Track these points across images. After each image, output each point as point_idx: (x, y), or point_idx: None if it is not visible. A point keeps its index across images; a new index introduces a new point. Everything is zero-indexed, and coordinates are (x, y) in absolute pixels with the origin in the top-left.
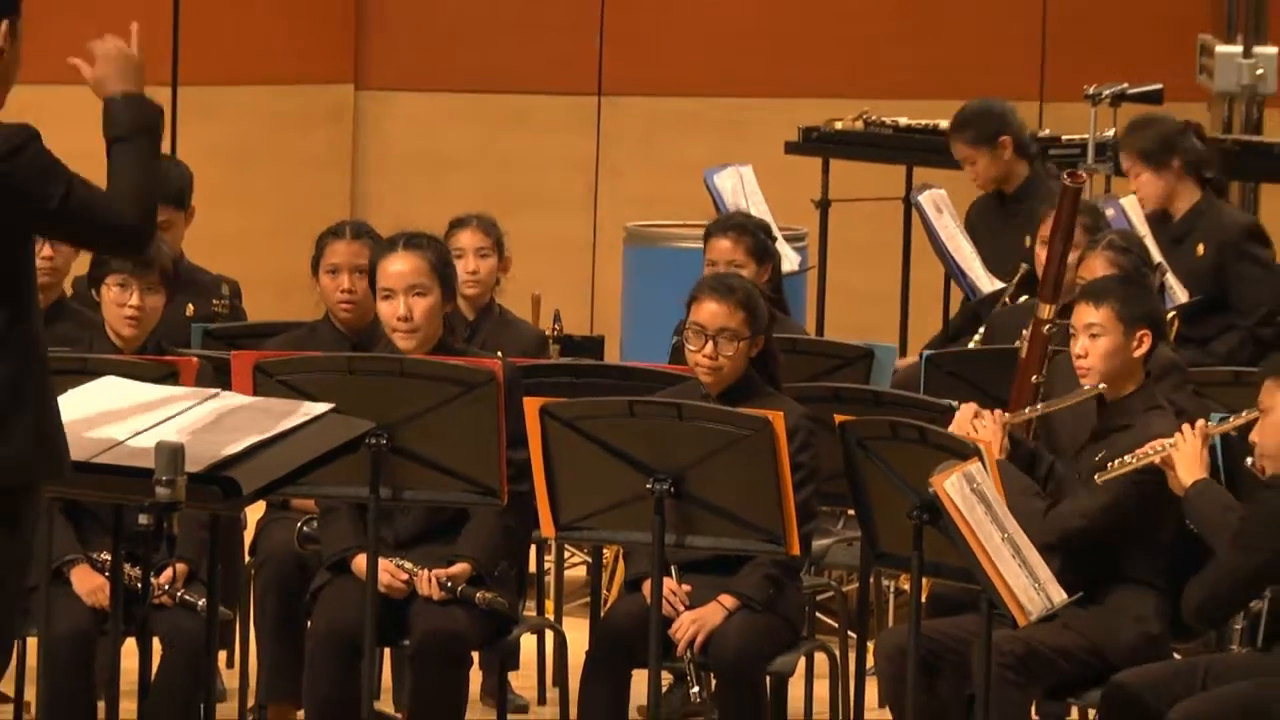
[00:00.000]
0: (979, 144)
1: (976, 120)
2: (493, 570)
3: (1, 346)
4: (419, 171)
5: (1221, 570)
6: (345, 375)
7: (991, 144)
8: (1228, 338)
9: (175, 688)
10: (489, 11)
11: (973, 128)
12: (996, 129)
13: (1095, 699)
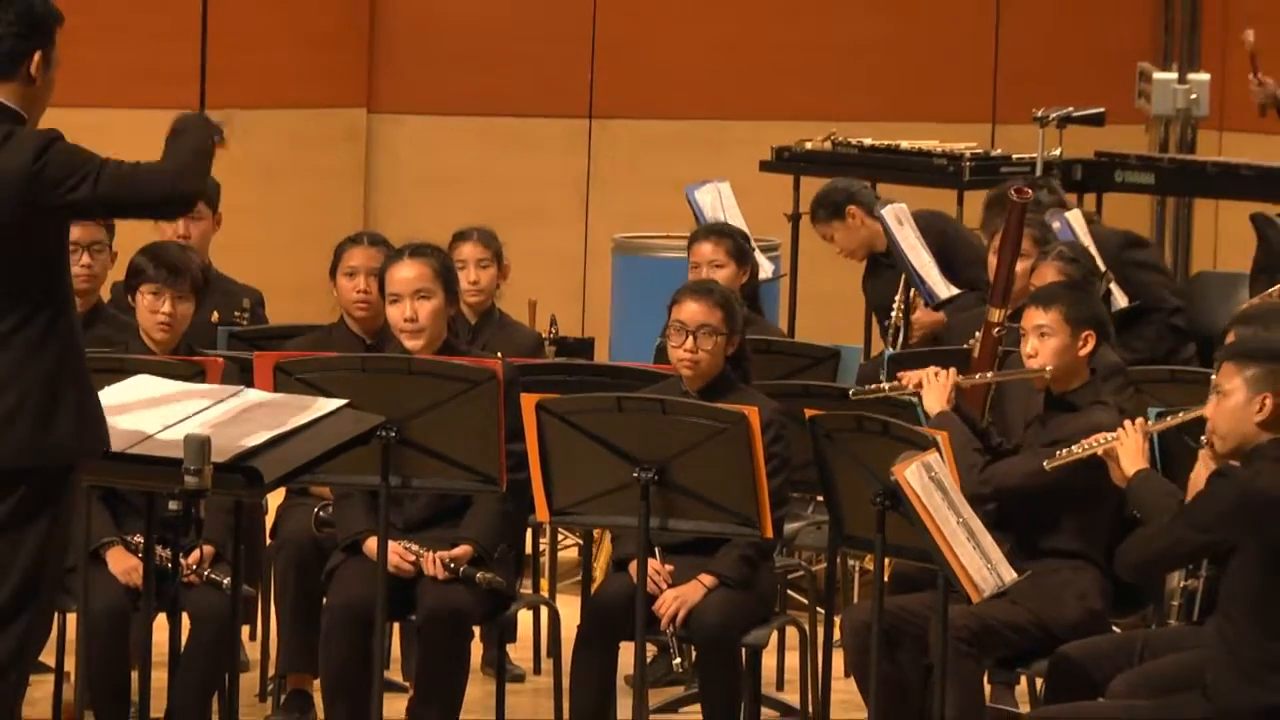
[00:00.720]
0: (830, 220)
1: (821, 201)
2: (493, 552)
3: (46, 341)
4: (425, 188)
5: (1165, 540)
6: (358, 374)
7: (841, 216)
8: (1145, 331)
9: (203, 659)
10: (489, 42)
11: (821, 207)
12: (842, 201)
13: (1042, 669)
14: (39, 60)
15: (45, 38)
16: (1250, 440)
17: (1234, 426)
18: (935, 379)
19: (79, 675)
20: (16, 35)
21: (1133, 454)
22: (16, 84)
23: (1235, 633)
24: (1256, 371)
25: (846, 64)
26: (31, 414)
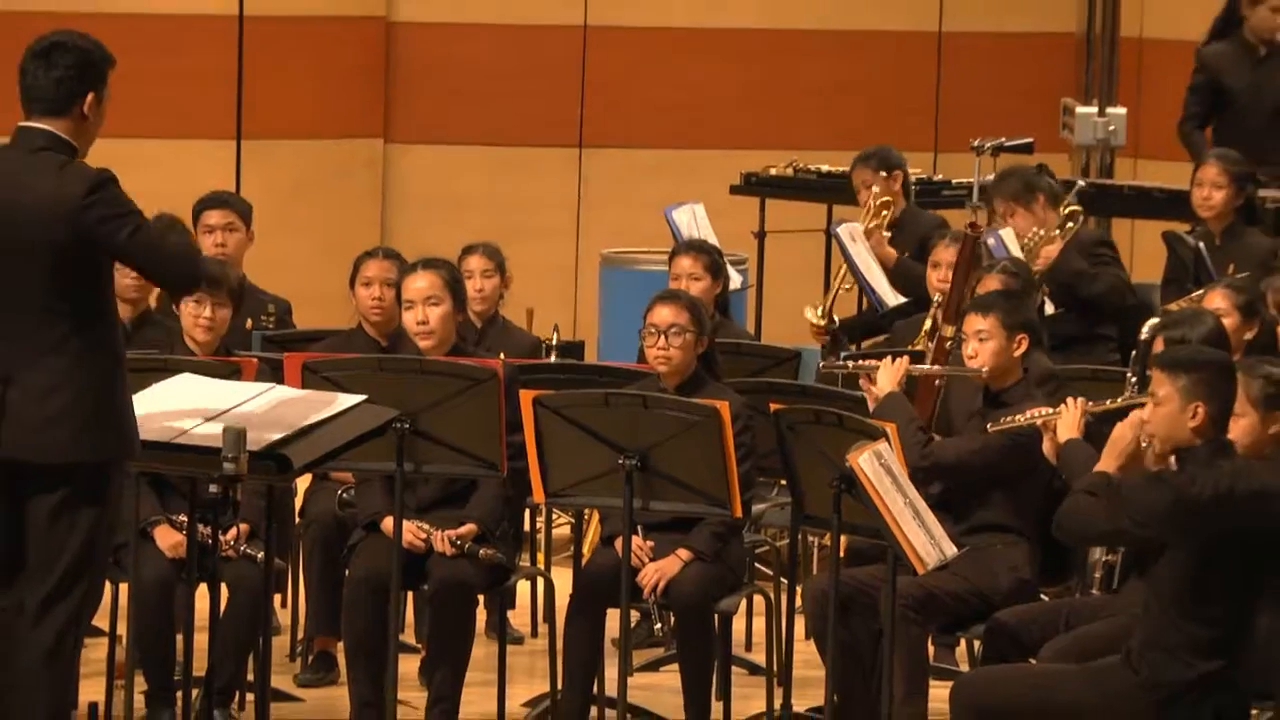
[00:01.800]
0: (879, 170)
1: (880, 152)
2: (495, 530)
3: (98, 349)
4: (435, 208)
5: (1107, 526)
6: (376, 372)
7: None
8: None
9: (239, 624)
10: (491, 81)
11: (876, 158)
12: (896, 163)
13: (979, 633)
14: (92, 100)
15: (99, 81)
16: (1185, 443)
17: (1170, 432)
18: (890, 362)
19: (129, 638)
20: (73, 78)
21: (1070, 426)
22: (71, 120)
23: (1163, 615)
24: (1187, 381)
25: (806, 101)
26: (80, 415)
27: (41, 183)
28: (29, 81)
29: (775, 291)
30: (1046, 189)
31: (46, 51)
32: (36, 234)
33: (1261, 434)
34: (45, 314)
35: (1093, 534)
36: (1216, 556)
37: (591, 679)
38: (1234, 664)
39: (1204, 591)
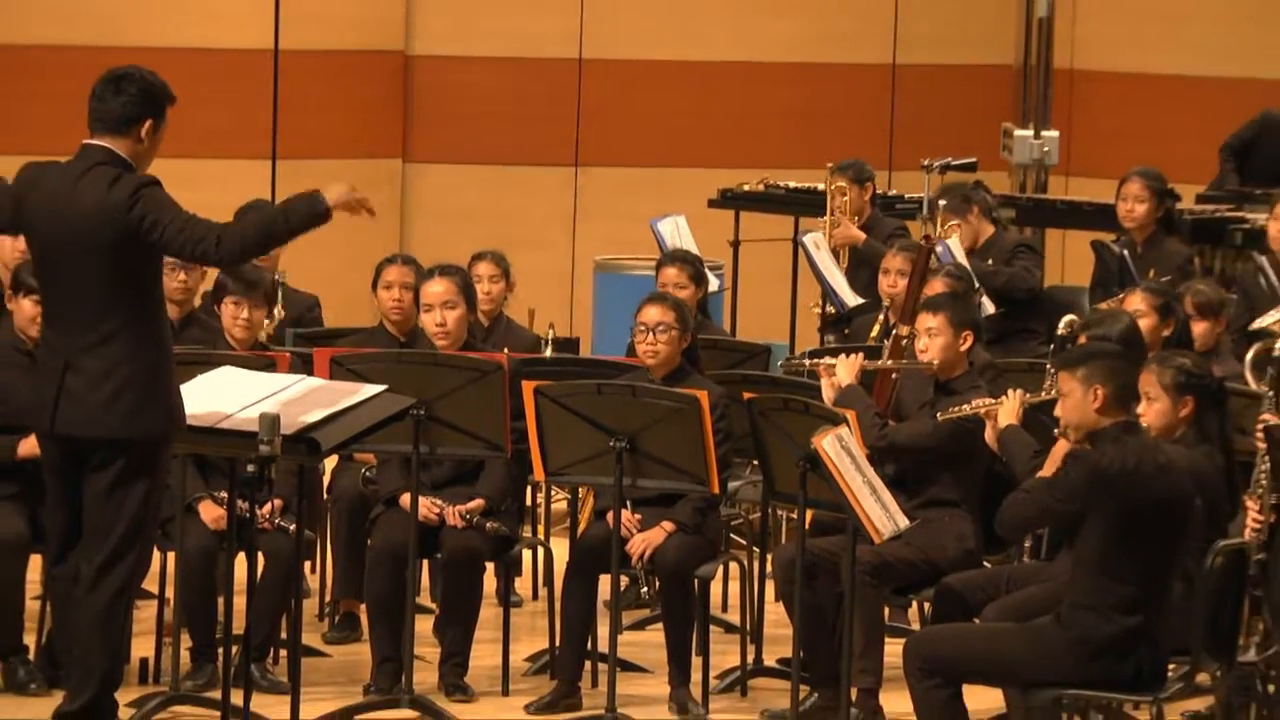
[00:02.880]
0: (854, 180)
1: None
2: (500, 505)
3: (148, 340)
4: (448, 221)
5: (1034, 509)
6: (395, 365)
7: (863, 184)
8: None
9: (274, 589)
10: (498, 107)
11: (852, 170)
12: (868, 176)
13: (929, 595)
14: (149, 126)
15: (158, 111)
16: (1094, 425)
17: (1079, 418)
18: (848, 358)
19: (176, 601)
20: (136, 105)
21: (1009, 414)
22: (129, 141)
23: (1087, 578)
24: (1085, 370)
25: (775, 124)
26: (132, 398)
27: (95, 192)
28: (97, 104)
29: (748, 293)
30: (981, 202)
31: (117, 80)
32: (90, 237)
33: (1173, 417)
34: (100, 308)
35: (1025, 522)
36: (1130, 523)
37: (586, 637)
38: (1152, 621)
39: (1121, 554)
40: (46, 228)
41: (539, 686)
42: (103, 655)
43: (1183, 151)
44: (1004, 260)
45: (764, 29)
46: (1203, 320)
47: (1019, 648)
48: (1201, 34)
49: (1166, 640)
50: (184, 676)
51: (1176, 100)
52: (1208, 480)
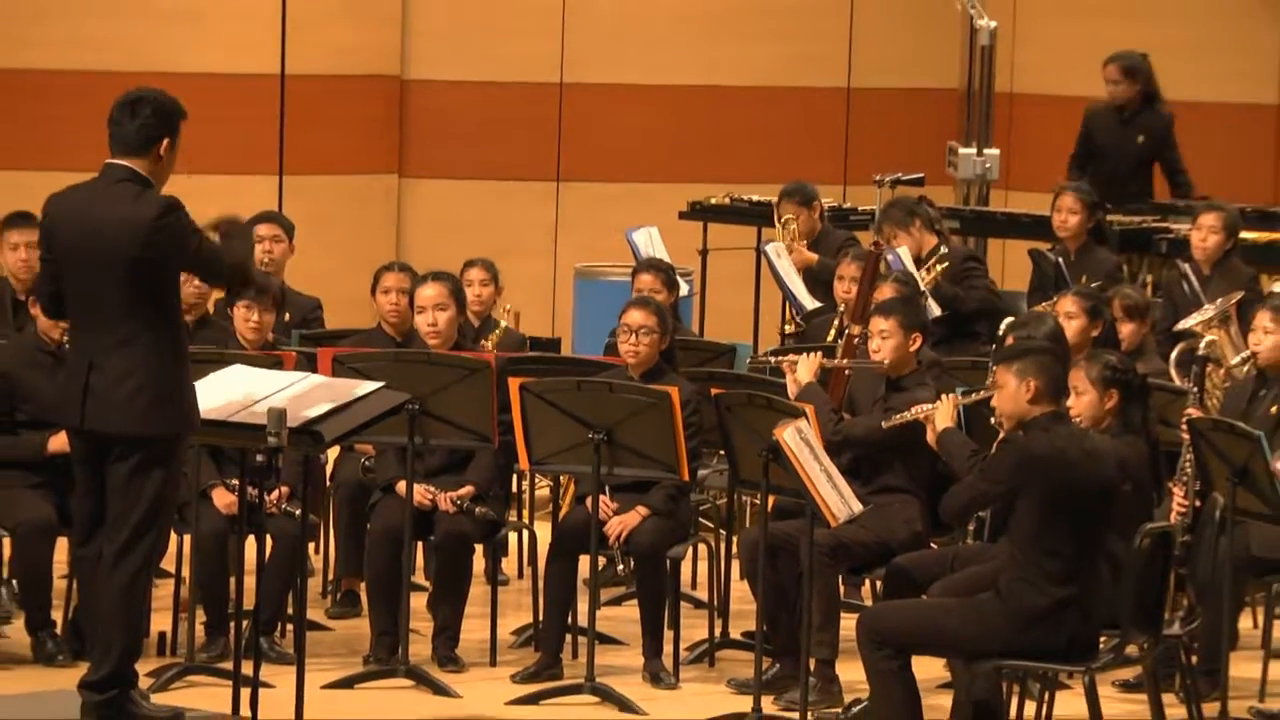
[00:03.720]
0: (800, 204)
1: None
2: (489, 491)
3: (165, 343)
4: (440, 231)
5: (971, 494)
6: (392, 363)
7: (808, 205)
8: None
9: (281, 568)
10: (486, 127)
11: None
12: (812, 196)
13: (881, 574)
14: (166, 144)
15: (172, 129)
16: (1026, 415)
17: (1013, 409)
18: (808, 357)
19: (191, 580)
20: (152, 126)
21: (945, 417)
22: (148, 160)
23: (1021, 554)
24: (1019, 365)
25: (740, 142)
26: (148, 396)
27: (120, 208)
28: (115, 127)
29: (715, 298)
30: (924, 215)
31: (132, 103)
32: (115, 249)
33: (1100, 409)
34: (122, 313)
35: (966, 507)
36: (1059, 503)
37: (567, 612)
38: (1082, 593)
39: (1051, 532)
40: (72, 241)
41: (524, 658)
42: (123, 629)
43: None
44: (956, 271)
45: (729, 56)
46: (1130, 322)
47: (962, 621)
48: None
49: (1098, 614)
50: (199, 649)
51: None
52: (1132, 466)
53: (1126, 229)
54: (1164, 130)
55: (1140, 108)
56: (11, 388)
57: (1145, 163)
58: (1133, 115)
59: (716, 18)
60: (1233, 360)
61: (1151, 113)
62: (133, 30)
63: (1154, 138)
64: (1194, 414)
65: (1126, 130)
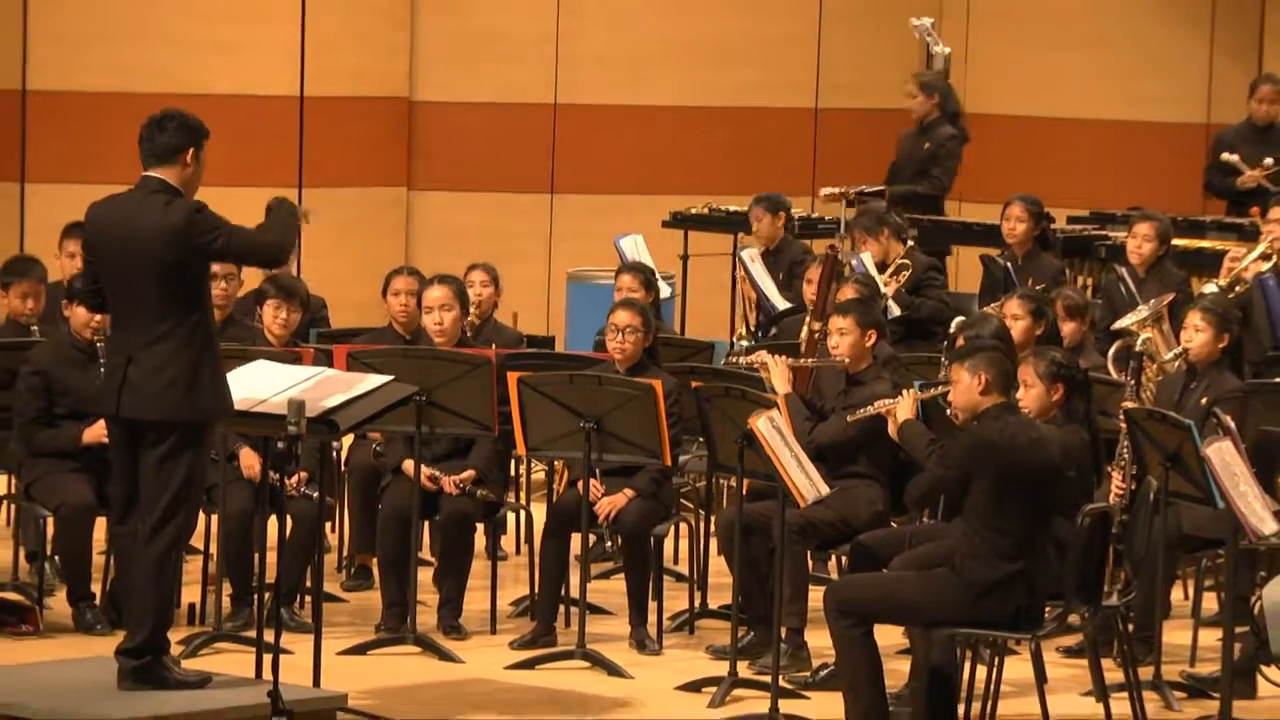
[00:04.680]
0: (769, 211)
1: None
2: (489, 475)
3: (192, 337)
4: (445, 239)
5: (930, 480)
6: (402, 359)
7: (776, 213)
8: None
9: (300, 545)
10: (487, 144)
11: (768, 201)
12: (783, 206)
13: (845, 550)
14: (191, 155)
15: (197, 140)
16: (979, 407)
17: (967, 401)
18: (775, 362)
19: (219, 555)
20: (177, 136)
21: (905, 410)
22: (178, 169)
23: (974, 532)
24: (971, 362)
25: (717, 158)
26: (182, 386)
27: (154, 216)
28: (146, 143)
29: (695, 299)
30: (892, 224)
31: (159, 120)
32: (151, 254)
33: (1047, 401)
34: (157, 312)
35: (926, 492)
36: (1008, 485)
37: (560, 585)
38: (1029, 567)
39: (1002, 512)
40: (112, 247)
41: (521, 627)
42: (156, 601)
43: (1056, 181)
44: (918, 279)
45: (707, 80)
46: (1071, 321)
47: (920, 593)
48: (1073, 84)
49: (1043, 587)
50: (225, 619)
51: (1051, 138)
52: (1075, 452)
53: (1069, 236)
54: (945, 140)
55: (935, 121)
56: (50, 384)
57: (925, 167)
58: (929, 126)
59: (695, 45)
60: (1165, 356)
61: (942, 126)
62: (168, 57)
63: (936, 145)
64: (1130, 405)
65: (920, 139)
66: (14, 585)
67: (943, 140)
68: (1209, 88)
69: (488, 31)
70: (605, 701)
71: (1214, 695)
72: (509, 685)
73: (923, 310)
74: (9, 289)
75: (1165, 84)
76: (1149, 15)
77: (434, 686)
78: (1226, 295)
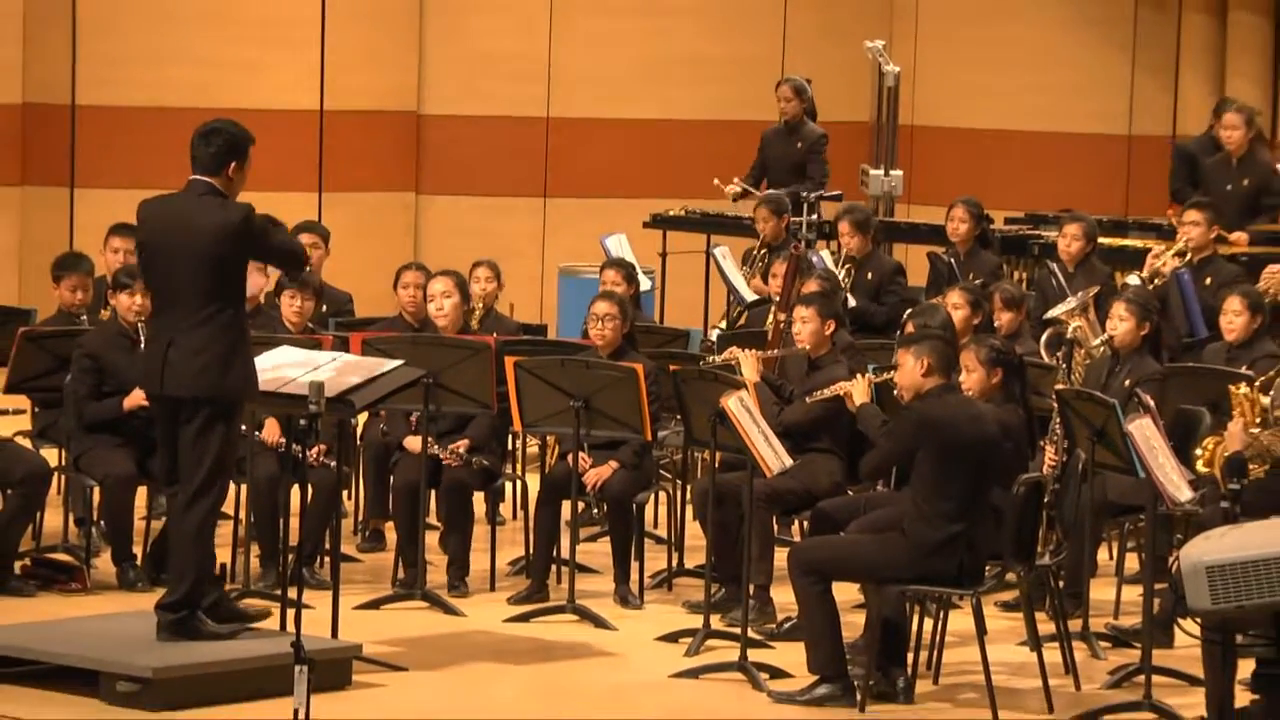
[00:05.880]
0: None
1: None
2: (485, 445)
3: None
4: (450, 238)
5: (880, 455)
6: (411, 345)
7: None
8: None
9: (320, 512)
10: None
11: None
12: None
13: (807, 516)
14: (235, 166)
15: (241, 154)
16: (922, 388)
17: (911, 382)
18: (746, 356)
19: (248, 520)
20: (224, 151)
21: (861, 393)
22: (221, 179)
23: (921, 498)
24: (915, 347)
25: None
26: (216, 368)
27: (212, 215)
28: (195, 151)
29: (672, 292)
30: (875, 227)
31: (207, 134)
32: (203, 247)
33: (987, 383)
34: (199, 300)
35: (878, 466)
36: (949, 456)
37: (552, 547)
38: (970, 529)
39: (945, 479)
40: (163, 240)
41: (517, 584)
42: (194, 562)
43: (994, 186)
44: (883, 281)
45: (683, 96)
46: (1008, 311)
47: (873, 553)
48: (1009, 100)
49: (983, 546)
50: (254, 578)
51: (990, 148)
52: (1012, 429)
53: (1007, 235)
54: (815, 141)
55: (801, 122)
56: (100, 364)
57: (799, 167)
58: (797, 126)
59: (672, 65)
60: (1093, 342)
61: (808, 125)
62: (202, 75)
63: (806, 146)
64: (1061, 386)
65: (790, 140)
66: (64, 547)
67: (814, 139)
68: (1130, 103)
69: (487, 53)
70: (592, 650)
71: (1135, 645)
72: (507, 636)
73: (878, 317)
74: (60, 282)
75: (1091, 100)
76: (1077, 38)
77: (440, 637)
78: (1147, 288)
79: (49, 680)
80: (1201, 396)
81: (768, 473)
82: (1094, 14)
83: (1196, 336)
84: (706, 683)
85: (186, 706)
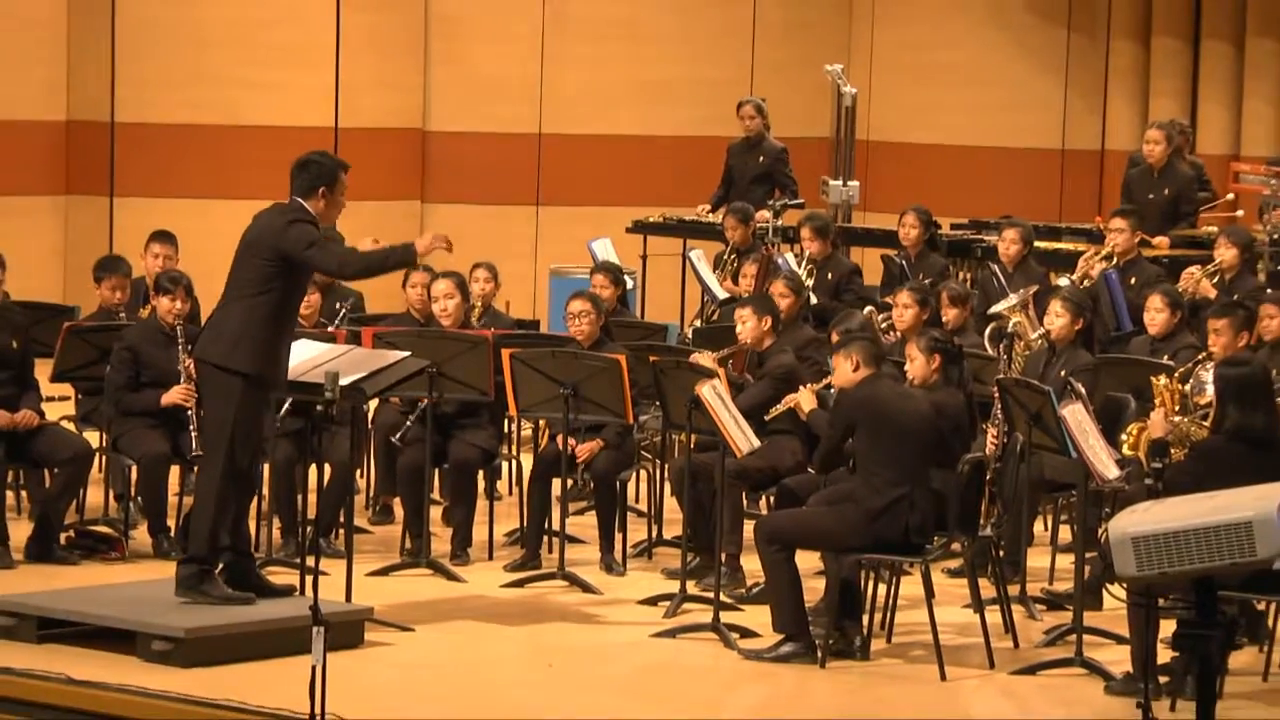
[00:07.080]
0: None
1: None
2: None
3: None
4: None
5: (825, 444)
6: (417, 339)
7: (745, 223)
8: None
9: (336, 488)
10: (486, 165)
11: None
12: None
13: (773, 491)
14: (323, 191)
15: (330, 182)
16: (854, 382)
17: (845, 380)
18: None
19: (269, 496)
20: (311, 181)
21: (808, 401)
22: (312, 202)
23: (864, 471)
24: (845, 349)
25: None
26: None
27: (271, 218)
28: (291, 177)
29: (652, 291)
30: (835, 232)
31: (303, 164)
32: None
33: (928, 369)
34: (237, 286)
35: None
36: (880, 430)
37: (544, 520)
38: (910, 494)
39: (881, 450)
40: (243, 237)
41: (513, 553)
42: (204, 521)
43: (941, 196)
44: (839, 279)
45: (662, 115)
46: (954, 308)
47: (830, 522)
48: (954, 118)
49: (925, 507)
50: (276, 548)
51: (937, 161)
52: (950, 410)
53: (953, 240)
54: (778, 154)
55: (761, 137)
56: (139, 357)
57: (763, 178)
58: (757, 143)
59: (652, 87)
60: (1031, 336)
61: (767, 141)
62: (227, 95)
63: (770, 160)
64: (1002, 376)
65: (752, 154)
66: (105, 520)
67: (777, 154)
68: (1063, 121)
69: (486, 76)
70: (580, 613)
71: (1068, 607)
72: (503, 599)
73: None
74: (101, 282)
75: (1028, 118)
76: (1014, 61)
77: (443, 601)
78: (1079, 287)
79: (91, 640)
80: (1127, 385)
81: (738, 453)
82: (1030, 41)
83: (1123, 331)
84: (683, 641)
85: (215, 663)
